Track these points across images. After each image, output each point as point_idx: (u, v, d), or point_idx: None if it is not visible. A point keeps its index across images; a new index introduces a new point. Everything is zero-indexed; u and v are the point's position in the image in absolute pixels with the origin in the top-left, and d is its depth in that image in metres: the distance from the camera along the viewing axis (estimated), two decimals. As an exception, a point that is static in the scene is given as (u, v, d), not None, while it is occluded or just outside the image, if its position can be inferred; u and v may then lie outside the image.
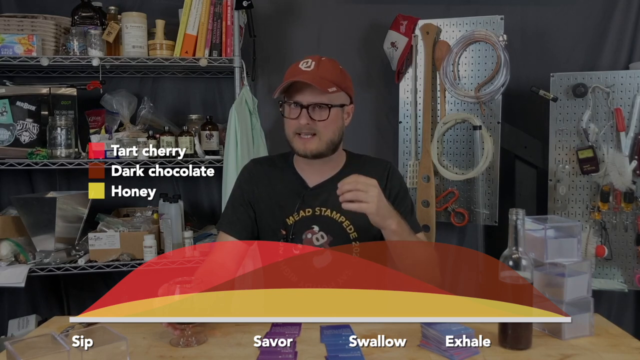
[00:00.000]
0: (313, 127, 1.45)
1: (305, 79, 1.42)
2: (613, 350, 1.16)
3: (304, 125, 1.44)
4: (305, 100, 1.44)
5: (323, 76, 1.44)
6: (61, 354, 0.96)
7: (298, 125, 1.45)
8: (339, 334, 1.24)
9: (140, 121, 2.43)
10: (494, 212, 2.37)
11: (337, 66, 1.50)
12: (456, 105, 2.41)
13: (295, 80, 1.44)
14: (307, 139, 1.46)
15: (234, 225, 1.55)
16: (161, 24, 2.34)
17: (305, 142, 1.46)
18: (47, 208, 2.20)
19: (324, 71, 1.45)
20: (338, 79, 1.47)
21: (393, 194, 1.56)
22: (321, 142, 1.46)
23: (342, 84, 1.47)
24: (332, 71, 1.47)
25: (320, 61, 1.47)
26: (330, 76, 1.45)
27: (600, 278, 2.29)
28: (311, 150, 1.46)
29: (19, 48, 2.23)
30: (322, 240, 1.51)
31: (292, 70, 1.47)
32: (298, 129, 1.46)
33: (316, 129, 1.45)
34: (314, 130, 1.45)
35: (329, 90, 1.42)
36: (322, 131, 1.46)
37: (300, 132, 1.46)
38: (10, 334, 2.38)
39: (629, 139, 2.22)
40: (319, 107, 1.44)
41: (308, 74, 1.43)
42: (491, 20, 2.32)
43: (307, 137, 1.46)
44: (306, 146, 1.46)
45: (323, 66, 1.46)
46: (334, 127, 1.47)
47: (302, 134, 1.46)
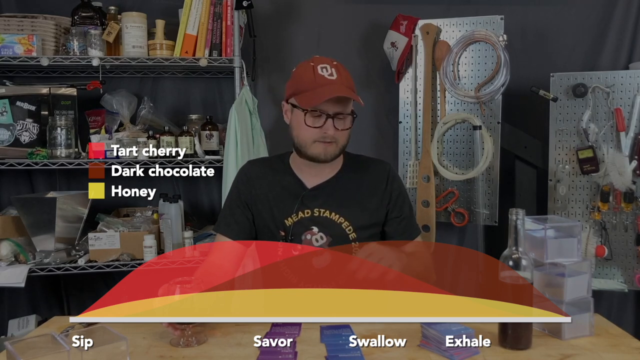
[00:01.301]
0: (334, 134, 1.45)
1: (343, 92, 1.41)
2: (613, 350, 1.16)
3: (331, 135, 1.44)
4: (331, 110, 1.43)
5: (348, 85, 1.44)
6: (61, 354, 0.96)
7: (323, 134, 1.44)
8: (339, 334, 1.24)
9: (140, 121, 2.43)
10: (494, 212, 2.37)
11: (347, 70, 1.50)
12: (456, 105, 2.41)
13: (337, 95, 1.41)
14: (328, 144, 1.45)
15: (231, 228, 1.55)
16: (161, 24, 2.34)
17: (326, 146, 1.45)
18: (47, 208, 2.20)
19: (345, 79, 1.45)
20: (353, 84, 1.48)
21: (393, 198, 1.56)
22: (337, 148, 1.47)
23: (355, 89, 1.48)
24: (349, 77, 1.47)
25: (338, 68, 1.46)
26: (351, 84, 1.46)
27: (600, 278, 2.29)
28: (332, 155, 1.47)
29: (19, 48, 2.23)
30: (322, 241, 1.51)
31: (318, 80, 1.43)
32: (323, 138, 1.44)
33: (336, 136, 1.45)
34: (334, 139, 1.45)
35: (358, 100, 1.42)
36: (340, 138, 1.46)
37: (325, 140, 1.45)
38: (10, 334, 2.38)
39: (629, 139, 2.22)
40: (342, 117, 1.44)
41: (337, 84, 1.42)
42: (491, 20, 2.32)
43: (328, 142, 1.46)
44: (327, 151, 1.46)
45: (342, 73, 1.45)
46: (349, 134, 1.49)
47: (325, 142, 1.45)
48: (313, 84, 1.43)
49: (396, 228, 1.56)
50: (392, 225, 1.56)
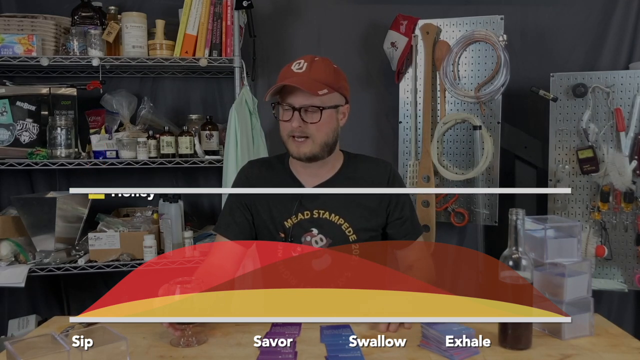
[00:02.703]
0: (305, 129, 1.43)
1: (295, 82, 1.40)
2: (613, 350, 1.16)
3: (296, 127, 1.43)
4: (296, 103, 1.42)
5: (315, 78, 1.42)
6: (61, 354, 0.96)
7: (291, 128, 1.44)
8: (339, 334, 1.24)
9: (140, 121, 2.43)
10: (494, 212, 2.37)
11: (330, 66, 1.48)
12: (456, 105, 2.41)
13: (284, 84, 1.42)
14: (300, 142, 1.45)
15: (231, 228, 1.54)
16: (161, 24, 2.34)
17: (299, 145, 1.45)
18: (47, 208, 2.20)
19: (316, 72, 1.43)
20: (330, 79, 1.44)
21: (394, 199, 1.55)
22: (315, 145, 1.45)
23: (334, 85, 1.45)
24: (324, 72, 1.44)
25: (312, 62, 1.44)
26: (322, 77, 1.43)
27: (600, 278, 2.29)
28: (305, 154, 1.45)
29: (19, 48, 2.22)
30: (322, 242, 1.50)
31: (284, 72, 1.45)
32: (291, 132, 1.44)
33: (309, 131, 1.44)
34: (307, 133, 1.44)
35: (319, 93, 1.40)
36: (314, 134, 1.44)
37: (294, 134, 1.45)
38: (10, 334, 2.38)
39: (628, 139, 2.22)
40: (310, 110, 1.43)
41: (299, 76, 1.42)
42: (491, 20, 2.32)
43: (300, 140, 1.44)
44: (300, 149, 1.45)
45: (315, 67, 1.43)
46: (327, 130, 1.46)
47: (295, 137, 1.45)
48: (280, 78, 1.45)
49: (398, 230, 1.55)
50: (394, 228, 1.56)
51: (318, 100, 1.42)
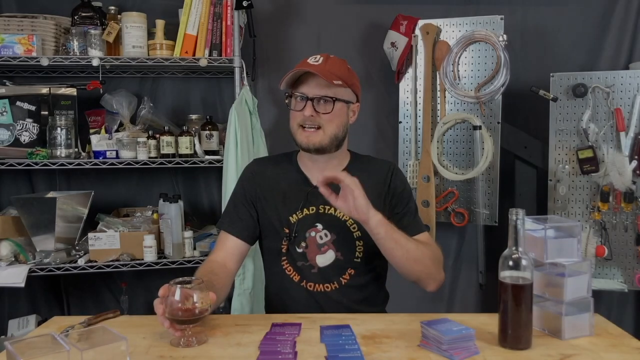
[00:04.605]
0: (317, 119, 1.45)
1: (312, 69, 1.43)
2: (613, 350, 1.16)
3: (308, 117, 1.44)
4: (310, 92, 1.44)
5: (330, 70, 1.45)
6: (61, 354, 0.95)
7: (302, 117, 1.45)
8: (339, 334, 1.23)
9: (140, 121, 2.43)
10: (494, 212, 2.37)
11: (345, 64, 1.52)
12: (456, 105, 2.41)
13: (301, 72, 1.45)
14: (310, 132, 1.46)
15: (235, 224, 1.54)
16: (161, 24, 2.33)
17: (309, 134, 1.46)
18: (47, 208, 2.20)
19: (332, 66, 1.46)
20: (345, 75, 1.48)
21: (397, 193, 1.55)
22: (325, 136, 1.46)
23: (348, 80, 1.48)
24: (339, 68, 1.48)
25: (328, 58, 1.48)
26: (337, 71, 1.46)
27: (600, 278, 2.29)
28: (314, 144, 1.46)
29: (19, 48, 2.22)
30: (326, 238, 1.50)
31: (300, 64, 1.48)
32: (302, 121, 1.46)
33: (320, 122, 1.45)
34: (318, 123, 1.45)
35: (335, 82, 1.43)
36: (326, 125, 1.46)
37: (305, 124, 1.46)
38: (10, 334, 2.37)
39: (628, 139, 2.22)
40: (324, 100, 1.45)
41: (315, 66, 1.45)
42: (491, 20, 2.32)
43: (311, 129, 1.46)
44: (309, 139, 1.46)
45: (331, 62, 1.47)
46: (338, 122, 1.47)
47: (306, 127, 1.46)
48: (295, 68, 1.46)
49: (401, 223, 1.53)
50: (396, 220, 1.54)
51: (332, 91, 1.44)
